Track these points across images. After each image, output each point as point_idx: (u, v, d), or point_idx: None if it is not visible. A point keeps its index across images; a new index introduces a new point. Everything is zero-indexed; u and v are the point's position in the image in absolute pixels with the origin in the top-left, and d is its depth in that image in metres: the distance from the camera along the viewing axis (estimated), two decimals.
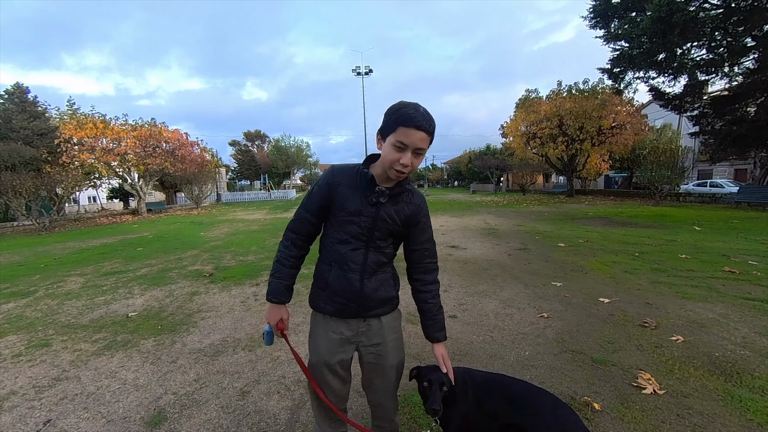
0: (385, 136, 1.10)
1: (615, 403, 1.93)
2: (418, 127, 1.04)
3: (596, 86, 19.77)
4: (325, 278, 1.25)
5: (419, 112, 1.05)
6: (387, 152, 1.10)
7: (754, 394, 1.96)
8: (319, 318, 1.30)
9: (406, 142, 1.06)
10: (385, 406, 1.37)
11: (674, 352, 2.44)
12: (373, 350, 1.29)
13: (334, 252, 1.23)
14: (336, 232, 1.23)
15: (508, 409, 1.22)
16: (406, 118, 1.04)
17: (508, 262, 5.29)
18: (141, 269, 5.56)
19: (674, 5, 9.29)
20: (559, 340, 2.70)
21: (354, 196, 1.18)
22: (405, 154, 1.07)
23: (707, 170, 24.15)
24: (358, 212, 1.18)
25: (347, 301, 1.23)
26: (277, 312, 1.30)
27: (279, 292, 1.28)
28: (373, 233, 1.20)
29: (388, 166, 1.11)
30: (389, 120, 1.08)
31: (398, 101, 1.11)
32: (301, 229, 1.28)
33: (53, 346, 2.87)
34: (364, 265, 1.22)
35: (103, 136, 16.14)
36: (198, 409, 1.99)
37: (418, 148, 1.07)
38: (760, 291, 3.61)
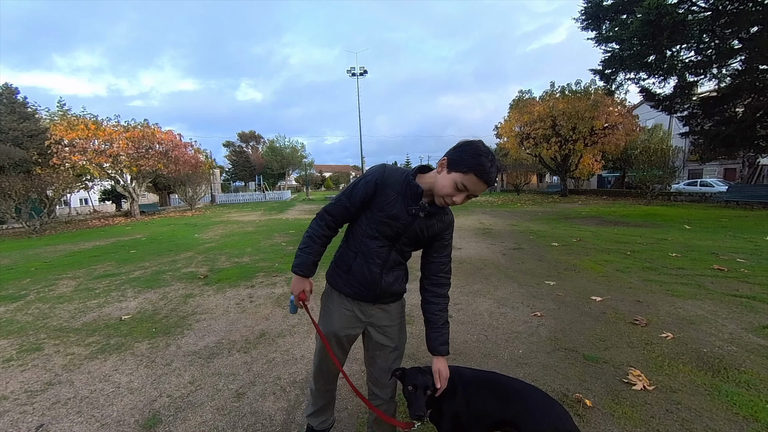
0: (452, 169, 1.14)
1: (606, 399, 1.97)
2: (487, 182, 1.11)
3: (588, 87, 20.02)
4: (349, 264, 1.34)
5: (494, 168, 1.11)
6: (446, 185, 1.15)
7: (740, 389, 2.01)
8: (335, 295, 1.39)
9: (470, 189, 1.13)
10: (382, 383, 1.43)
11: (664, 349, 2.49)
12: (382, 331, 1.40)
13: (362, 244, 1.31)
14: (369, 228, 1.29)
15: (499, 406, 1.24)
16: (483, 170, 1.09)
17: (503, 261, 5.33)
18: (134, 272, 5.50)
19: (663, 8, 9.45)
20: (552, 338, 2.74)
21: (397, 201, 1.23)
22: (461, 195, 1.15)
23: (697, 170, 24.55)
24: (396, 217, 1.24)
25: (365, 290, 1.33)
26: (301, 284, 1.38)
27: (305, 266, 1.35)
28: (401, 238, 1.28)
29: (440, 194, 1.18)
30: (466, 160, 1.11)
31: (478, 141, 1.15)
32: (339, 214, 1.34)
33: (45, 350, 2.84)
34: (386, 261, 1.31)
35: (94, 138, 15.91)
36: (193, 411, 1.99)
37: (476, 195, 1.17)
38: (747, 288, 3.70)
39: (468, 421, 1.28)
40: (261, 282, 4.60)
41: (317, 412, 1.60)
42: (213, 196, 29.91)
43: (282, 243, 7.74)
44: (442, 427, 1.30)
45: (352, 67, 28.92)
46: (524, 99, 22.45)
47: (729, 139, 13.25)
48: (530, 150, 22.04)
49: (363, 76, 29.14)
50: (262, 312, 3.50)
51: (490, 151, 1.12)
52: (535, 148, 21.19)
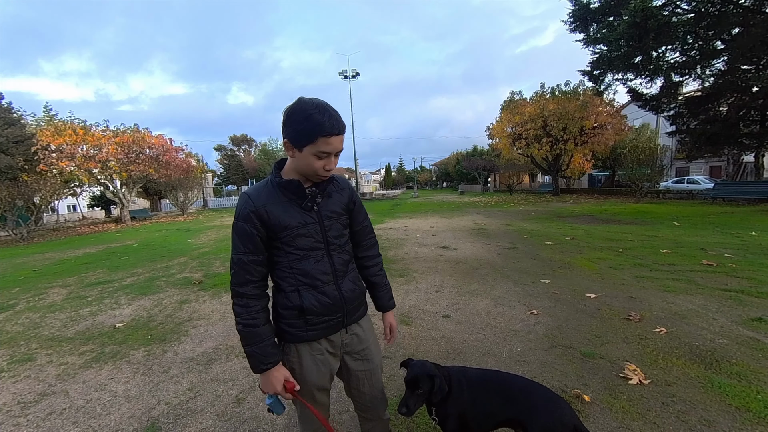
0: (299, 146, 1.02)
1: (604, 394, 2.00)
2: (337, 133, 1.01)
3: (577, 88, 20.37)
4: (298, 305, 1.10)
5: (333, 117, 1.00)
6: (309, 162, 1.04)
7: (732, 380, 2.06)
8: (301, 348, 1.15)
9: (329, 150, 1.02)
10: (375, 407, 1.33)
11: (658, 343, 2.54)
12: (360, 356, 1.26)
13: (297, 273, 1.11)
14: (289, 254, 1.10)
15: (505, 404, 1.26)
16: (324, 128, 0.98)
17: (498, 261, 5.38)
18: (127, 278, 5.42)
19: (649, 11, 9.69)
20: (549, 335, 2.77)
21: (288, 209, 1.08)
22: (329, 160, 1.05)
23: (684, 167, 25.09)
24: (302, 223, 1.10)
25: (330, 317, 1.15)
26: (280, 374, 1.09)
27: (267, 356, 1.07)
28: (327, 234, 1.14)
29: (312, 173, 1.07)
30: (302, 129, 1.00)
31: (298, 102, 1.02)
32: (252, 274, 1.08)
33: (37, 360, 2.78)
34: (335, 272, 1.16)
35: (83, 143, 15.65)
36: (193, 418, 1.97)
37: (340, 149, 1.05)
38: (736, 282, 3.79)
39: (474, 421, 1.29)
40: None
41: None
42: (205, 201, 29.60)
43: None
44: (448, 427, 1.31)
45: (344, 70, 28.98)
46: (515, 100, 22.72)
47: (714, 138, 13.60)
48: (522, 150, 22.29)
49: (355, 78, 29.22)
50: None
51: (317, 103, 1.00)
52: (527, 148, 21.45)
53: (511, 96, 23.22)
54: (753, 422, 1.72)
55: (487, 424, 1.30)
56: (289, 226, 1.08)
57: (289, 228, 1.08)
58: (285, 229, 1.08)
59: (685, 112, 14.24)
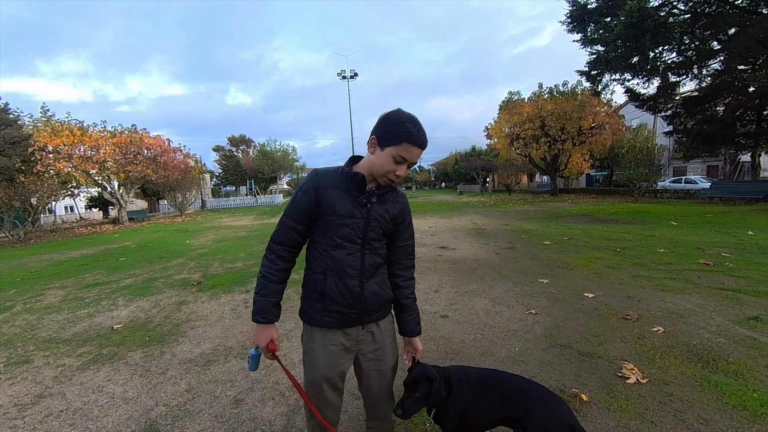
0: (383, 145, 1.11)
1: (601, 393, 2.01)
2: (420, 145, 1.10)
3: (575, 88, 20.42)
4: (320, 288, 1.18)
5: (421, 131, 1.11)
6: (384, 162, 1.12)
7: (729, 379, 2.07)
8: (316, 332, 1.22)
9: (407, 158, 1.11)
10: (382, 406, 1.37)
11: (655, 343, 2.55)
12: (373, 356, 1.28)
13: (328, 259, 1.17)
14: (328, 238, 1.17)
15: (503, 403, 1.26)
16: (412, 136, 1.08)
17: (497, 261, 5.39)
18: (125, 280, 5.40)
19: (645, 11, 9.73)
20: (547, 335, 2.78)
21: (343, 198, 1.15)
22: (402, 167, 1.13)
23: (682, 167, 25.21)
24: (350, 214, 1.15)
25: (348, 310, 1.18)
26: (267, 332, 1.19)
27: (266, 311, 1.18)
28: (368, 234, 1.18)
29: (381, 173, 1.14)
30: (392, 132, 1.09)
31: (397, 111, 1.13)
32: (287, 239, 1.20)
33: (35, 362, 2.77)
34: (362, 269, 1.19)
35: (80, 144, 15.60)
36: (191, 419, 1.96)
37: (414, 162, 1.15)
38: (733, 281, 3.81)
39: (473, 420, 1.29)
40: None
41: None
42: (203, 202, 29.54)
43: None
44: (448, 427, 1.31)
45: (342, 70, 28.98)
46: (513, 100, 22.77)
47: (711, 137, 13.68)
48: (520, 150, 22.34)
49: (353, 78, 29.23)
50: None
51: (412, 116, 1.11)
52: (525, 148, 21.49)
53: (509, 96, 23.27)
54: (750, 420, 1.73)
55: (485, 423, 1.30)
56: (338, 213, 1.15)
57: (336, 214, 1.15)
58: (333, 214, 1.15)
59: (682, 112, 14.32)
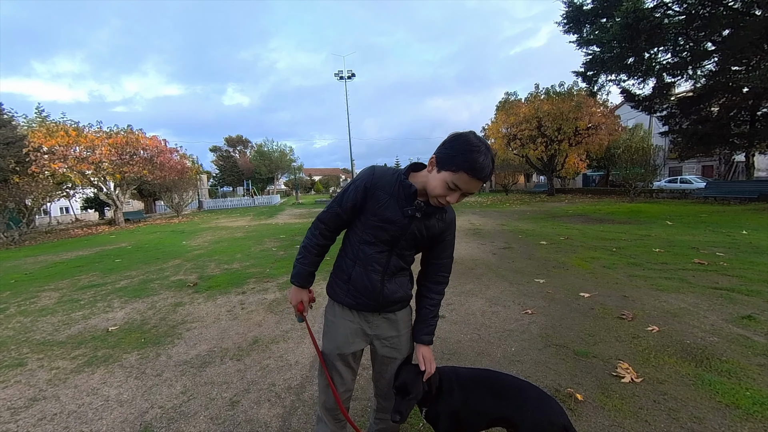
0: (441, 167, 1.06)
1: (596, 393, 2.02)
2: (480, 178, 1.03)
3: (572, 89, 20.51)
4: (348, 273, 1.28)
5: (486, 164, 1.02)
6: (438, 185, 1.08)
7: (722, 378, 2.09)
8: (337, 308, 1.33)
9: (463, 188, 1.06)
10: (391, 396, 1.37)
11: (650, 342, 2.57)
12: (388, 343, 1.33)
13: (359, 251, 1.25)
14: (364, 233, 1.23)
15: (496, 403, 1.26)
16: (474, 168, 1.01)
17: (493, 261, 5.41)
18: (120, 281, 5.37)
19: (640, 12, 9.80)
20: (543, 335, 2.79)
21: (391, 204, 1.17)
22: (454, 195, 1.08)
23: (677, 167, 25.38)
24: (391, 221, 1.17)
25: (366, 299, 1.27)
26: (299, 294, 1.36)
27: (302, 277, 1.33)
28: (400, 242, 1.22)
29: (431, 194, 1.12)
30: (455, 158, 1.03)
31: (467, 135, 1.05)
32: (332, 222, 1.29)
33: (28, 365, 2.75)
34: (386, 268, 1.25)
35: (75, 144, 15.48)
36: (186, 421, 1.96)
37: (472, 193, 1.11)
38: (727, 281, 3.84)
39: (466, 420, 1.30)
40: (252, 288, 4.54)
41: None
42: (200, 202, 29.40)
43: (273, 248, 7.66)
44: (440, 427, 1.31)
45: (339, 71, 28.94)
46: (510, 101, 22.85)
47: (706, 138, 13.79)
48: (517, 150, 22.41)
49: (351, 79, 29.19)
50: (254, 318, 3.47)
51: (483, 143, 1.02)
52: (522, 148, 21.57)
53: (506, 97, 23.35)
54: (742, 419, 1.75)
55: (478, 423, 1.30)
56: (380, 216, 1.18)
57: (378, 216, 1.19)
58: (375, 215, 1.19)
59: (678, 113, 14.43)
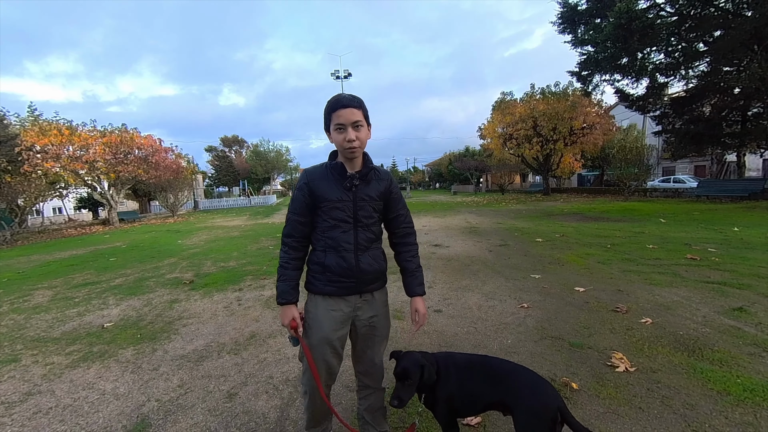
0: (328, 129, 1.31)
1: (591, 381, 2.05)
2: (345, 105, 1.25)
3: (567, 89, 20.69)
4: (322, 262, 1.35)
5: (341, 96, 1.27)
6: (334, 138, 1.29)
7: (713, 366, 2.12)
8: (319, 300, 1.39)
9: (343, 122, 1.25)
10: (373, 374, 1.51)
11: (644, 333, 2.61)
12: (368, 323, 1.43)
13: (326, 238, 1.36)
14: (324, 221, 1.35)
15: (491, 387, 1.28)
16: (332, 105, 1.26)
17: (490, 258, 5.44)
18: (115, 279, 5.32)
19: (633, 12, 9.91)
20: (538, 327, 2.82)
21: (331, 186, 1.33)
22: (347, 132, 1.26)
23: (670, 167, 25.69)
24: (339, 199, 1.33)
25: (346, 279, 1.35)
26: (289, 312, 1.37)
27: (286, 293, 1.37)
28: (357, 213, 1.35)
29: (341, 148, 1.30)
30: (325, 114, 1.29)
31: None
32: (295, 231, 1.39)
33: (22, 361, 2.72)
34: (357, 244, 1.36)
35: (69, 143, 15.31)
36: (183, 413, 1.95)
37: (354, 121, 1.26)
38: (718, 275, 3.90)
39: (462, 404, 1.31)
40: (249, 285, 4.53)
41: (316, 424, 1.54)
42: (196, 202, 29.21)
43: (269, 246, 7.64)
44: (437, 411, 1.33)
45: (336, 70, 28.92)
46: (506, 101, 22.98)
47: (698, 137, 13.97)
48: (513, 150, 22.56)
49: (347, 79, 29.16)
50: (251, 314, 3.46)
51: (335, 94, 1.29)
52: (518, 148, 21.72)
53: (502, 96, 23.49)
54: (733, 404, 1.78)
55: (474, 407, 1.32)
56: (328, 199, 1.33)
57: (328, 200, 1.33)
58: (325, 201, 1.33)
59: (671, 112, 14.60)
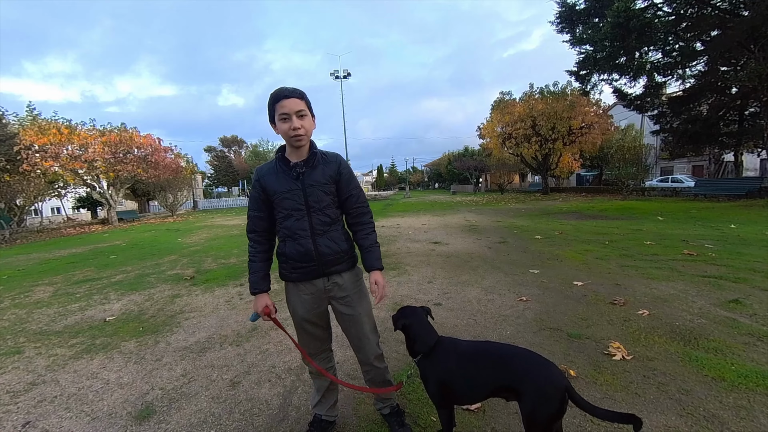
0: (272, 120, 1.37)
1: (589, 369, 2.08)
2: (287, 96, 1.31)
3: (565, 88, 20.76)
4: (283, 251, 1.44)
5: (283, 88, 1.33)
6: (280, 128, 1.35)
7: (708, 354, 2.16)
8: (290, 286, 1.49)
9: (287, 111, 1.31)
10: (362, 349, 1.55)
11: (640, 324, 2.64)
12: (344, 302, 1.50)
13: (284, 228, 1.43)
14: (279, 212, 1.43)
15: (496, 372, 1.28)
16: (275, 97, 1.33)
17: (489, 254, 5.48)
18: (116, 276, 5.34)
19: (631, 12, 9.98)
20: (537, 320, 2.85)
21: (279, 179, 1.40)
22: (291, 121, 1.32)
23: (668, 167, 25.81)
24: (288, 189, 1.39)
25: (306, 264, 1.42)
26: (261, 301, 1.47)
27: (256, 284, 1.47)
28: (308, 199, 1.40)
29: (287, 137, 1.36)
30: (269, 106, 1.35)
31: None
32: (256, 226, 1.48)
33: (26, 353, 2.74)
34: (312, 230, 1.41)
35: (68, 143, 15.30)
36: (187, 401, 1.98)
37: (297, 110, 1.32)
38: (714, 269, 3.95)
39: (462, 392, 1.33)
40: None
41: (323, 399, 1.63)
42: (195, 202, 29.20)
43: None
44: (428, 388, 1.39)
45: (335, 70, 28.98)
46: (505, 100, 23.04)
47: (695, 136, 14.05)
48: (512, 150, 22.62)
49: (346, 79, 29.23)
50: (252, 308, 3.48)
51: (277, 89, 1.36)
52: (517, 147, 21.78)
53: (501, 96, 23.56)
54: (727, 390, 1.82)
55: (479, 393, 1.33)
56: (278, 191, 1.39)
57: (277, 192, 1.40)
58: (275, 194, 1.40)
59: (668, 112, 14.68)
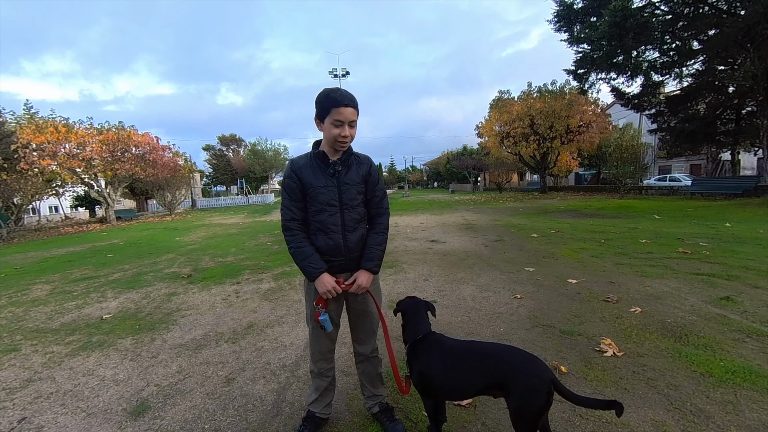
0: (322, 119, 1.40)
1: (580, 365, 2.11)
2: (347, 105, 1.35)
3: (563, 87, 20.77)
4: (315, 244, 1.47)
5: (343, 93, 1.36)
6: (329, 130, 1.39)
7: (698, 351, 2.19)
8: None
9: (342, 119, 1.36)
10: (367, 344, 1.65)
11: (633, 321, 2.67)
12: (359, 298, 1.56)
13: (316, 222, 1.47)
14: (312, 206, 1.46)
15: (483, 371, 1.29)
16: (336, 101, 1.34)
17: (485, 252, 5.50)
18: (113, 274, 5.35)
19: (628, 11, 10.00)
20: (531, 316, 2.88)
21: (316, 173, 1.45)
22: (343, 128, 1.37)
23: (666, 166, 25.90)
24: (324, 185, 1.44)
25: (334, 258, 1.47)
26: (328, 278, 1.43)
27: (316, 263, 1.42)
28: (342, 196, 1.47)
29: (332, 141, 1.40)
30: (323, 105, 1.37)
31: (322, 90, 1.39)
32: (295, 214, 1.47)
33: (22, 350, 2.75)
34: (343, 225, 1.48)
35: (65, 141, 15.25)
36: (182, 397, 2.00)
37: (351, 120, 1.38)
38: (708, 267, 3.98)
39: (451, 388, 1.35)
40: (247, 279, 4.57)
41: (320, 398, 1.65)
42: (193, 201, 29.15)
43: (267, 243, 7.67)
44: (412, 379, 1.44)
45: (333, 69, 28.89)
46: (503, 99, 23.04)
47: (693, 135, 14.10)
48: (510, 149, 22.64)
49: (345, 77, 29.13)
50: (249, 306, 3.50)
51: (335, 88, 1.39)
52: (515, 146, 21.79)
53: (499, 95, 23.55)
54: (715, 385, 1.85)
55: (467, 390, 1.35)
56: (314, 185, 1.44)
57: (313, 186, 1.44)
58: (311, 187, 1.44)
59: (666, 111, 14.73)
